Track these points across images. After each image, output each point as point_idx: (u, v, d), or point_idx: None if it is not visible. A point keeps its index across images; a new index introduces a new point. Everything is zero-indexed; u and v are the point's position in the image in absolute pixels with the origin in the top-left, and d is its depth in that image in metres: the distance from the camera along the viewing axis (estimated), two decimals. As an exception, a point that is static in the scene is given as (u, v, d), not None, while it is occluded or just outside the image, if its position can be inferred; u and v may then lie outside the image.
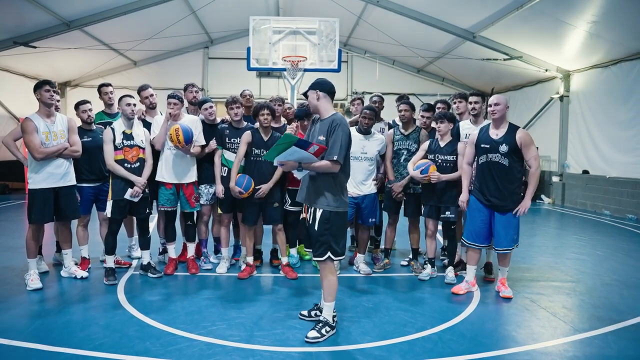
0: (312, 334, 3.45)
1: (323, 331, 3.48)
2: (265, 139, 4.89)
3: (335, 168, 3.44)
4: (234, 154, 5.02)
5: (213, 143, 5.12)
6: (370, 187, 5.16)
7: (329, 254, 3.53)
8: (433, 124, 5.22)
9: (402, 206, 5.45)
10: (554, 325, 3.86)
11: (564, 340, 3.56)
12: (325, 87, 3.56)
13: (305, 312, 3.92)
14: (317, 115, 3.66)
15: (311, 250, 3.68)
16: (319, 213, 3.51)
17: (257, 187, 4.85)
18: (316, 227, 3.52)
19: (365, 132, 5.13)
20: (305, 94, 3.65)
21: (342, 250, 3.62)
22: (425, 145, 5.09)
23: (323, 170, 3.46)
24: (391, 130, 5.42)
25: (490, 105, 4.46)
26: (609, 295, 4.67)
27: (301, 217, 5.33)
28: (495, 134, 4.44)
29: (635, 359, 3.23)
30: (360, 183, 5.11)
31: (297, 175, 3.62)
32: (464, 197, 4.67)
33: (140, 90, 5.39)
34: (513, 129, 4.42)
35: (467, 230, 4.65)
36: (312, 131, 3.66)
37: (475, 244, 4.59)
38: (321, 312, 3.72)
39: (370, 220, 5.17)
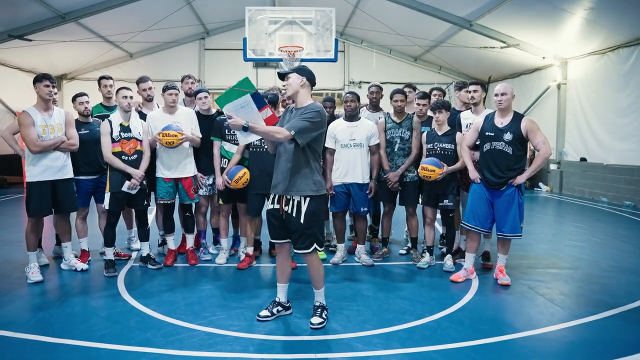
0: (316, 319, 3.49)
1: (324, 315, 3.54)
2: None
3: (283, 140, 3.29)
4: (234, 146, 5.02)
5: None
6: (362, 176, 5.05)
7: (315, 245, 3.50)
8: (430, 113, 5.21)
9: (398, 195, 5.44)
10: (552, 311, 3.90)
11: (561, 326, 3.58)
12: (311, 77, 3.51)
13: (266, 313, 3.64)
14: (292, 104, 3.58)
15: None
16: (304, 206, 3.40)
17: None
18: (302, 220, 3.40)
19: (352, 117, 5.10)
20: (285, 75, 3.45)
21: (324, 238, 3.61)
22: (423, 138, 5.08)
23: (270, 137, 3.31)
24: (382, 120, 5.34)
25: (497, 95, 4.44)
26: (606, 281, 4.70)
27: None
28: (500, 122, 4.44)
29: (632, 344, 3.25)
30: (352, 170, 5.03)
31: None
32: (473, 174, 4.61)
33: (140, 81, 5.36)
34: (518, 117, 4.42)
35: (467, 214, 4.67)
36: (286, 120, 3.48)
37: (475, 227, 4.60)
38: (283, 307, 3.71)
39: (362, 209, 5.12)
